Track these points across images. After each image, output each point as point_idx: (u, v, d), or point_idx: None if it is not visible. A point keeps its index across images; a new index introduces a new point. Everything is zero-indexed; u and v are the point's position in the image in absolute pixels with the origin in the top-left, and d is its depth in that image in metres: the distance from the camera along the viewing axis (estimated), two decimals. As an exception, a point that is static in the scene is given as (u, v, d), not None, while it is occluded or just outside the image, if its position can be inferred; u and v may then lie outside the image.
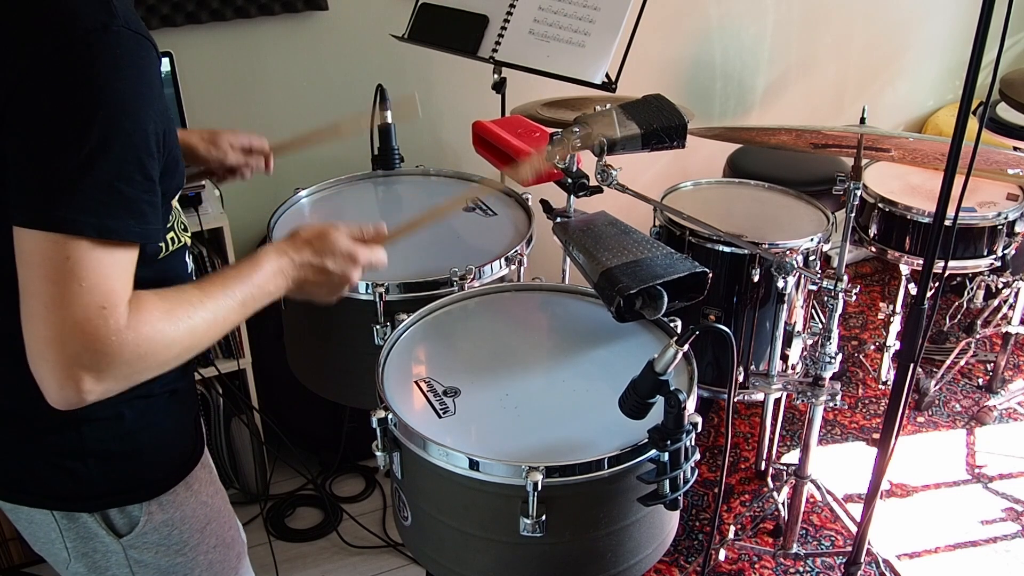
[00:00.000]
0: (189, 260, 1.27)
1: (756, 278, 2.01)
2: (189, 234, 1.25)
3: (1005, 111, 2.70)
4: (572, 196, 1.55)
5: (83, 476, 1.14)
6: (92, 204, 0.91)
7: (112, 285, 0.93)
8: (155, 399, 1.17)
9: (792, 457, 2.66)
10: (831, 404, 1.93)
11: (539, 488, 1.11)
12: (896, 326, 2.73)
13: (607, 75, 1.92)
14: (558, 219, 1.56)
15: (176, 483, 1.22)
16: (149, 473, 1.19)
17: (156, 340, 0.96)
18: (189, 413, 1.28)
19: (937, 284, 1.49)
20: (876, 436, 2.72)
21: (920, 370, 2.88)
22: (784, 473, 2.38)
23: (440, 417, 1.24)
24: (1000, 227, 2.39)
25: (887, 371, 2.83)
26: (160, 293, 0.99)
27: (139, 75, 0.94)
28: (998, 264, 2.46)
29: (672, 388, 1.11)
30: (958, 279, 3.15)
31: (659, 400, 1.13)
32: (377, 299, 1.51)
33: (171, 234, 1.17)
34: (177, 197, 1.17)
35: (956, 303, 3.07)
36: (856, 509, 2.14)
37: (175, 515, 1.22)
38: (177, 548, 1.23)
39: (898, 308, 2.72)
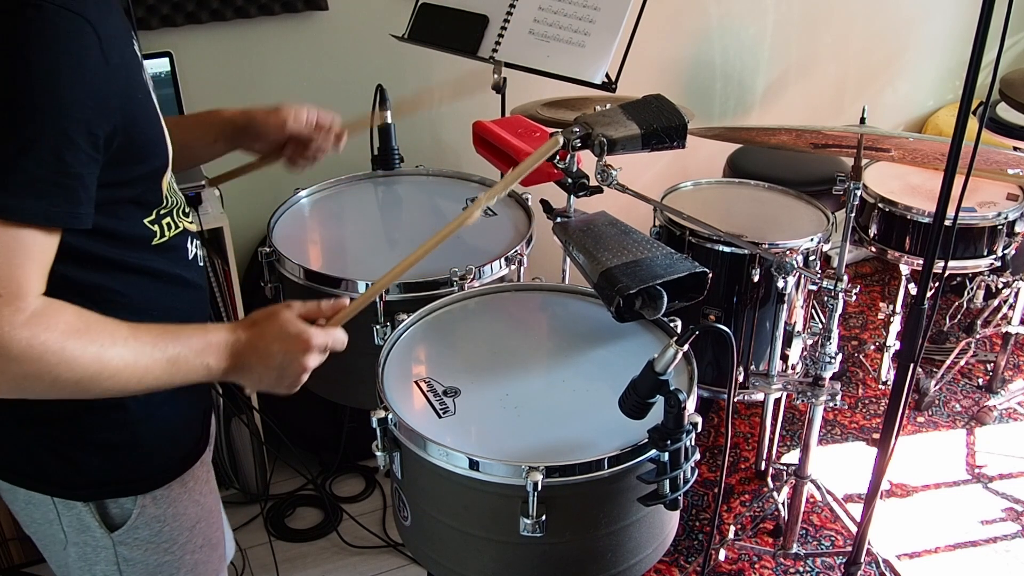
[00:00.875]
0: (194, 247, 1.23)
1: (756, 278, 2.01)
2: (191, 220, 1.22)
3: (1005, 111, 2.69)
4: (572, 196, 1.55)
5: (82, 465, 1.14)
6: None
7: (10, 271, 0.90)
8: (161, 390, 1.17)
9: (792, 457, 2.65)
10: (831, 404, 1.93)
11: (539, 488, 1.11)
12: (896, 326, 2.73)
13: (607, 75, 1.92)
14: (558, 219, 1.56)
15: (173, 479, 1.21)
16: (147, 466, 1.19)
17: (54, 352, 0.92)
18: (196, 408, 1.27)
19: (937, 284, 1.49)
20: (876, 436, 2.72)
21: (920, 370, 2.87)
22: (784, 473, 2.38)
23: (440, 417, 1.24)
24: (1000, 227, 2.39)
25: (887, 371, 2.83)
26: (80, 311, 0.96)
27: (63, 52, 0.91)
28: (998, 264, 2.46)
29: (672, 388, 1.11)
30: (958, 279, 3.15)
31: (659, 400, 1.13)
32: (377, 299, 1.51)
33: (167, 219, 1.15)
34: (169, 180, 1.14)
35: (956, 303, 3.07)
36: (856, 509, 2.14)
37: (168, 511, 1.21)
38: (166, 546, 1.23)
39: (898, 308, 2.72)
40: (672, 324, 1.40)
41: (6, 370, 0.91)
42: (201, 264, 1.26)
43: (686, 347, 1.12)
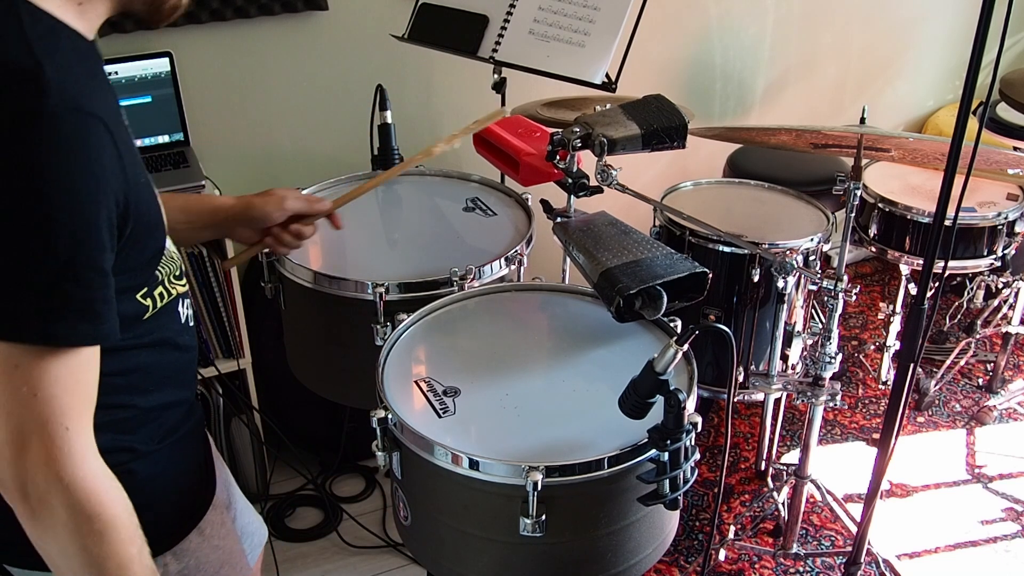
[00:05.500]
0: (185, 308, 1.18)
1: (756, 278, 2.01)
2: (184, 282, 1.17)
3: (1005, 111, 2.69)
4: (572, 196, 1.55)
5: None
6: (34, 309, 0.84)
7: (68, 400, 0.87)
8: (160, 447, 1.13)
9: (792, 457, 2.65)
10: (831, 404, 1.93)
11: (539, 488, 1.11)
12: (896, 326, 2.73)
13: (607, 75, 1.92)
14: (558, 219, 1.56)
15: (190, 531, 1.18)
16: (163, 524, 1.15)
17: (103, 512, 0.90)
18: (196, 455, 1.24)
19: (937, 284, 1.49)
20: (876, 436, 2.72)
21: (920, 370, 2.88)
22: (784, 473, 2.38)
23: (440, 417, 1.24)
24: (1000, 227, 2.39)
25: (887, 371, 2.83)
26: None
27: (84, 161, 0.86)
28: (998, 264, 2.46)
29: (672, 388, 1.11)
30: (958, 279, 3.15)
31: (659, 400, 1.14)
32: (377, 299, 1.51)
33: (159, 290, 1.09)
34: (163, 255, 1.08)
35: (956, 303, 3.07)
36: (856, 509, 2.14)
37: (190, 563, 1.18)
38: None
39: (898, 308, 2.72)
40: (672, 324, 1.40)
41: (58, 503, 0.89)
42: (192, 325, 1.22)
43: (686, 347, 1.12)
